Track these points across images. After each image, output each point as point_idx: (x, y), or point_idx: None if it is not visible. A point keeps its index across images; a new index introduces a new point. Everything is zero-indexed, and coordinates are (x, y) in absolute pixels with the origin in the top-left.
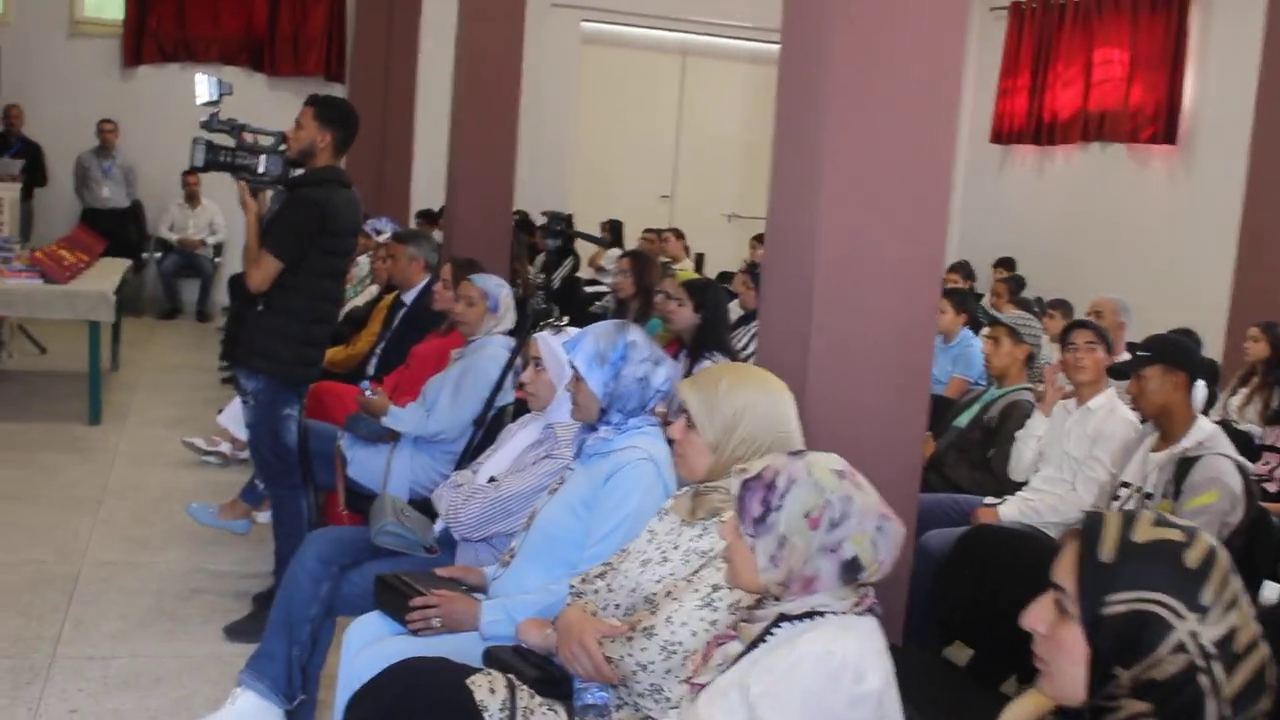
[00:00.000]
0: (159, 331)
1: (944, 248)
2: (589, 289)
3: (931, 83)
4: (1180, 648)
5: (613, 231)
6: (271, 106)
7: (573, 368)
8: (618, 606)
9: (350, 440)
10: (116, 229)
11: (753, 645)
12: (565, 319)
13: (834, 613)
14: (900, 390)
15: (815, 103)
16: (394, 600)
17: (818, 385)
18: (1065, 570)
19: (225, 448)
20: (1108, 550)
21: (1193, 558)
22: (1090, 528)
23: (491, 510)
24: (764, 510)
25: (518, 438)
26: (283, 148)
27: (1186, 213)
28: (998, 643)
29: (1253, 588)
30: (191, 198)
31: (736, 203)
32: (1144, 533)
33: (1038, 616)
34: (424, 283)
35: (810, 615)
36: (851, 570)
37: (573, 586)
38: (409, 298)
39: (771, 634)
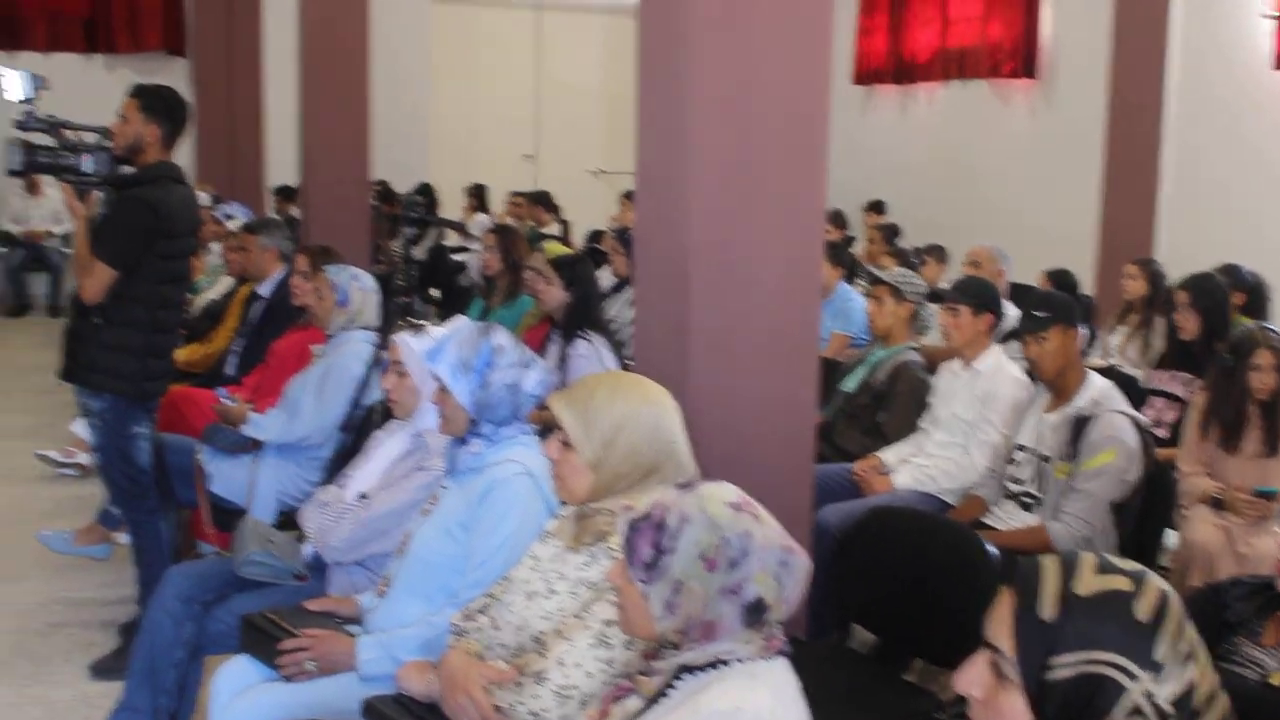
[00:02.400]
0: (8, 330)
1: (824, 200)
2: (456, 256)
3: (799, 24)
4: (1135, 711)
5: (477, 196)
6: (112, 89)
7: (436, 379)
8: (504, 646)
9: (211, 453)
10: None
11: (653, 700)
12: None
13: (740, 659)
14: (787, 360)
15: (678, 51)
16: (263, 643)
17: (699, 365)
18: (1000, 628)
19: (82, 458)
20: (1048, 606)
21: (1143, 609)
22: (1025, 579)
23: (363, 531)
24: (655, 553)
25: (386, 447)
26: (108, 144)
27: (1049, 148)
28: (902, 626)
29: (1155, 539)
30: (32, 187)
31: (602, 158)
32: (1087, 583)
33: (972, 680)
34: (280, 274)
35: (714, 664)
36: (756, 612)
37: (455, 625)
38: (265, 290)
39: (673, 688)
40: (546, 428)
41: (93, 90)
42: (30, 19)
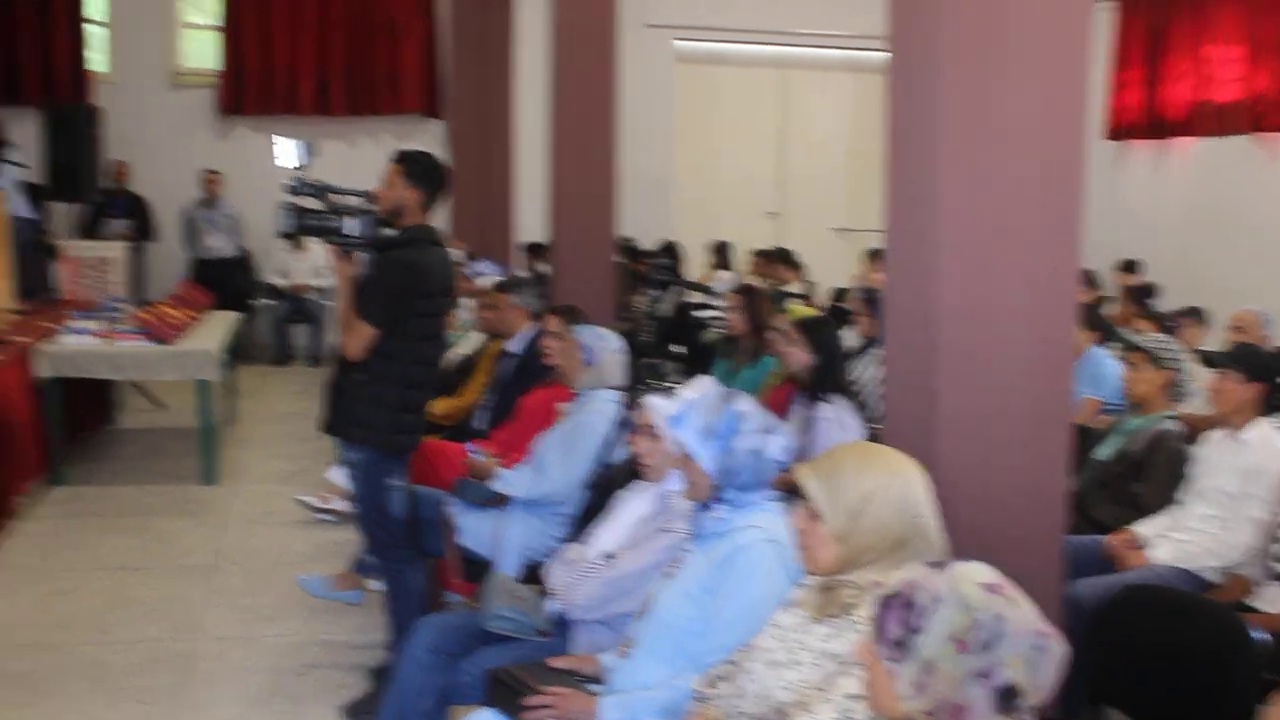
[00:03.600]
0: (272, 379)
1: (1078, 261)
2: (699, 314)
3: (1054, 80)
4: None
5: (720, 253)
6: (372, 147)
7: (680, 444)
8: (746, 715)
9: (460, 506)
10: (226, 278)
11: None
12: (674, 358)
13: None
14: (1039, 428)
15: (927, 111)
16: (507, 698)
17: (947, 431)
18: None
19: (338, 504)
20: None
21: None
22: None
23: (607, 590)
24: (905, 632)
25: (631, 507)
26: (371, 208)
27: None
28: (1158, 710)
29: None
30: (297, 243)
31: (846, 216)
32: None
33: None
34: (529, 331)
35: None
36: (1008, 697)
37: (697, 691)
38: (515, 346)
39: None
40: (790, 493)
41: (353, 148)
42: (301, 85)
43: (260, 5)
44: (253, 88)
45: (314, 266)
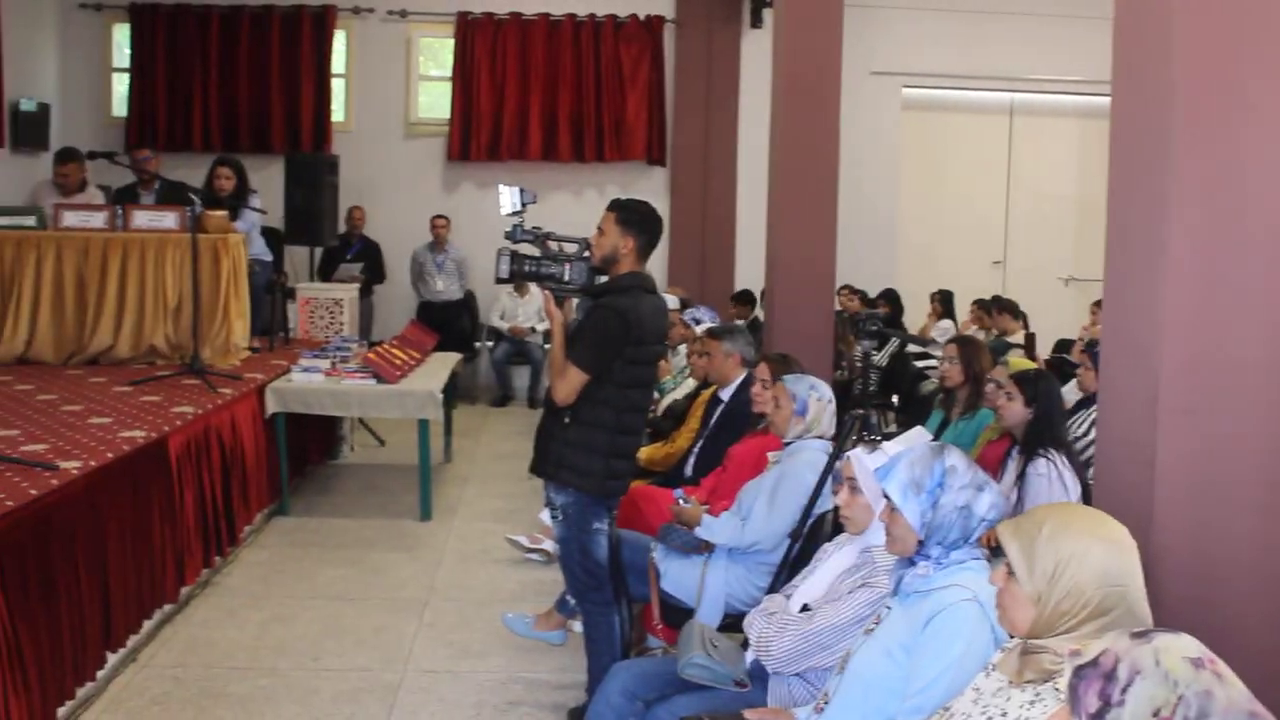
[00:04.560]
0: (491, 419)
1: None
2: (918, 364)
3: None
4: None
5: (943, 302)
6: (596, 195)
7: (886, 497)
8: None
9: (664, 551)
10: (450, 320)
11: None
12: (890, 408)
13: None
14: (1268, 493)
15: (1156, 156)
16: None
17: (1166, 497)
18: None
19: (548, 545)
20: None
21: None
22: None
23: (805, 644)
24: (1102, 705)
25: (833, 560)
26: (587, 254)
27: None
28: None
29: None
30: (519, 288)
31: (1073, 265)
32: None
33: None
34: (741, 379)
35: None
36: None
37: None
38: (726, 394)
39: None
40: (995, 551)
41: (579, 195)
42: (529, 133)
43: (491, 56)
44: (482, 136)
45: (535, 310)
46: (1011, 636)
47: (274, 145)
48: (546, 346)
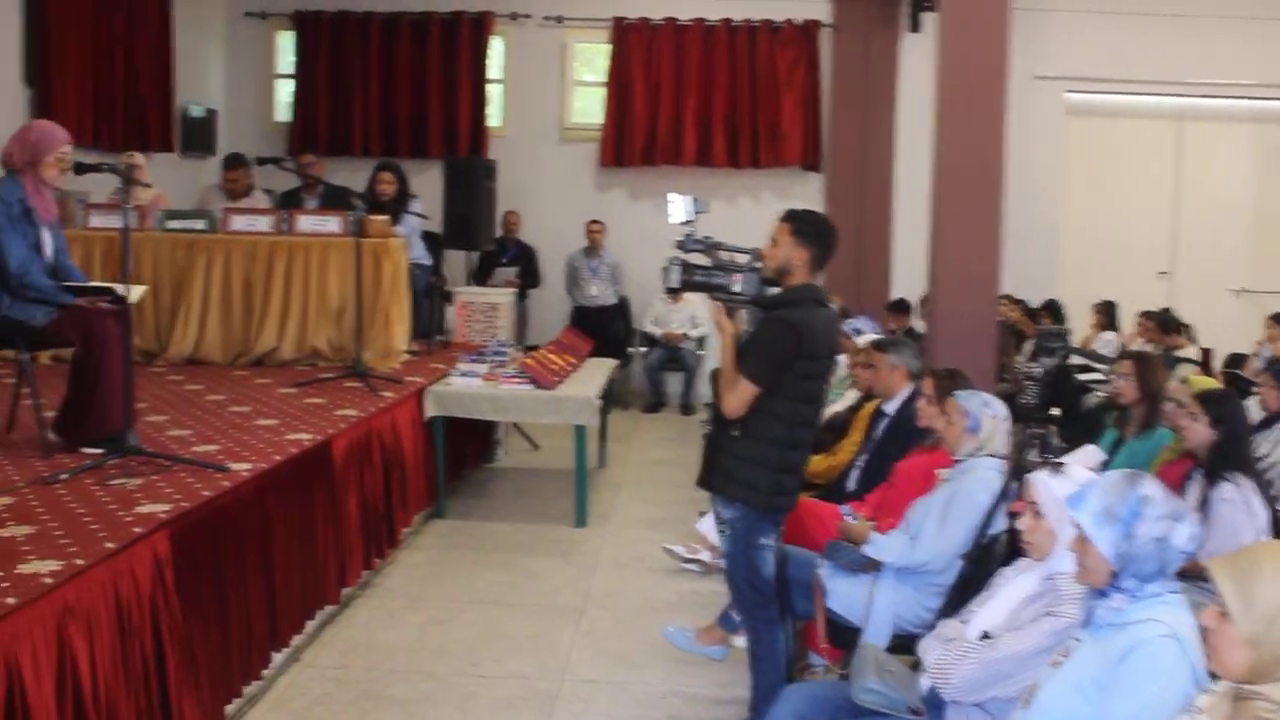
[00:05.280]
0: (644, 425)
1: None
2: (1081, 376)
3: None
4: None
5: (1106, 313)
6: (750, 201)
7: (1076, 526)
8: None
9: (830, 569)
10: (604, 324)
11: None
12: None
13: None
14: None
15: None
16: None
17: None
18: None
19: (705, 555)
20: None
21: None
22: None
23: (985, 673)
24: None
25: (1014, 585)
26: (758, 265)
27: None
28: None
29: None
30: (674, 293)
31: (1247, 277)
32: None
33: None
34: (906, 392)
35: None
36: None
37: None
38: (890, 408)
39: None
40: (1193, 582)
41: (733, 201)
42: (683, 138)
43: (646, 61)
44: (636, 141)
45: (689, 316)
46: (1214, 678)
47: (431, 150)
48: (700, 353)
